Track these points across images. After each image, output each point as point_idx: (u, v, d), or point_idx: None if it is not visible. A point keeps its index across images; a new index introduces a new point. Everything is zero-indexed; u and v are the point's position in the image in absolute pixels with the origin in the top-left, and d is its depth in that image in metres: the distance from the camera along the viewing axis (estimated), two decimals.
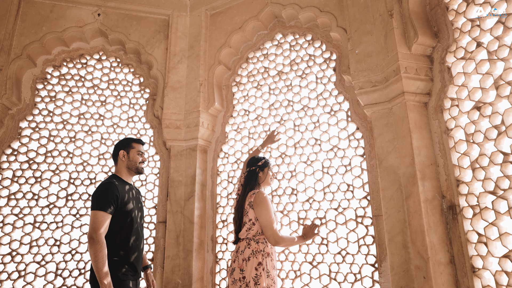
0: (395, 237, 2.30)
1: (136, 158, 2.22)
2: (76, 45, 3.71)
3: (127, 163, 2.20)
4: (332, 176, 2.82)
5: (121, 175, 2.20)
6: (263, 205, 2.32)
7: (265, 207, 2.31)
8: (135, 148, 2.24)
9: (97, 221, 1.89)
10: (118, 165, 2.22)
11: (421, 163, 2.22)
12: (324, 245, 2.73)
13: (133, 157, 2.21)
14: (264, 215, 2.30)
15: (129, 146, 2.24)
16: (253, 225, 2.35)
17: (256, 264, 2.28)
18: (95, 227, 1.88)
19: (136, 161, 2.22)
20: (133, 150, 2.23)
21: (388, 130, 2.48)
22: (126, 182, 2.18)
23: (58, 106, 3.51)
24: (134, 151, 2.23)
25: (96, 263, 1.84)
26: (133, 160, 2.21)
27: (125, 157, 2.20)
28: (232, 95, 3.59)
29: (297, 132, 3.10)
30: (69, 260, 3.14)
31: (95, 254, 1.84)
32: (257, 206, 2.33)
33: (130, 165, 2.20)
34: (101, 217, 1.91)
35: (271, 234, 2.28)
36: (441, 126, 2.25)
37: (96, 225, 1.88)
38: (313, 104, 3.09)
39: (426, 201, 2.15)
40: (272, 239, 2.28)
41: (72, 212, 3.26)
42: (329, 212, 2.77)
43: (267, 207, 2.32)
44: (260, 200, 2.33)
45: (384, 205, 2.39)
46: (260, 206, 2.32)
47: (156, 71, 3.62)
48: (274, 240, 2.28)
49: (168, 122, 3.41)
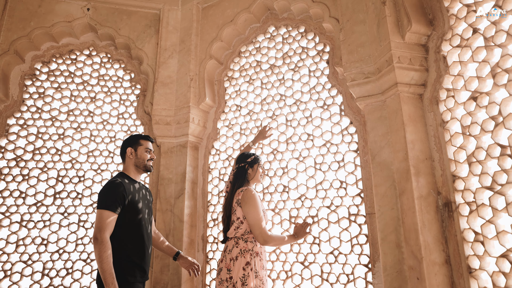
0: (388, 236, 2.19)
1: (144, 155, 2.13)
2: (65, 40, 3.66)
3: (135, 160, 2.11)
4: (325, 172, 2.72)
5: (129, 173, 2.11)
6: (250, 202, 2.23)
7: (253, 204, 2.23)
8: (143, 145, 2.15)
9: (102, 220, 1.81)
10: (126, 163, 2.13)
11: (415, 157, 2.12)
12: (316, 245, 2.63)
13: (141, 154, 2.13)
14: (252, 213, 2.21)
15: (136, 143, 2.15)
16: (241, 224, 2.26)
17: (244, 264, 2.20)
18: (100, 226, 1.80)
19: (144, 158, 2.13)
20: (141, 147, 2.14)
21: (381, 123, 2.37)
22: (134, 181, 2.10)
23: (46, 102, 3.46)
24: (142, 148, 2.14)
25: (101, 263, 1.76)
26: (141, 157, 2.12)
27: (133, 155, 2.12)
28: (224, 90, 3.51)
29: (289, 128, 3.00)
30: (56, 259, 3.09)
31: (100, 254, 1.76)
32: (245, 203, 2.25)
33: (138, 163, 2.12)
34: (106, 217, 1.82)
35: (260, 232, 2.19)
36: (437, 119, 2.14)
37: (101, 224, 1.80)
38: (305, 98, 2.99)
39: (420, 198, 2.04)
40: (260, 238, 2.19)
41: (60, 210, 3.21)
42: (321, 210, 2.68)
43: (255, 205, 2.23)
44: (248, 198, 2.25)
45: (377, 202, 2.29)
46: (248, 204, 2.23)
47: (147, 66, 3.55)
48: (262, 239, 2.19)
49: (158, 118, 3.34)
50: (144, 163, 2.14)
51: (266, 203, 2.94)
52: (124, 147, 2.15)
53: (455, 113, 2.04)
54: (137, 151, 2.13)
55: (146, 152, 2.16)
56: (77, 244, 3.15)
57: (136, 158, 2.12)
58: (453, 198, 1.98)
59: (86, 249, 3.15)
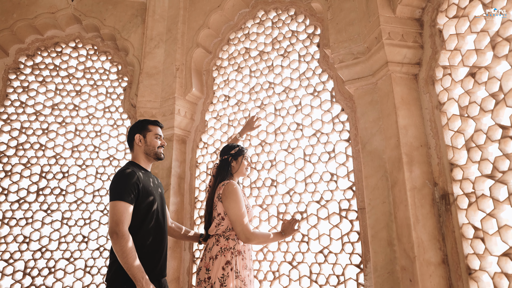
0: (379, 233, 1.99)
1: (154, 142, 1.98)
2: (50, 33, 3.59)
3: (144, 148, 1.96)
4: (315, 164, 2.53)
5: (139, 162, 1.96)
6: (231, 197, 2.07)
7: (234, 199, 2.06)
8: (152, 131, 2.00)
9: (119, 212, 1.66)
10: (134, 151, 1.98)
11: (408, 144, 1.90)
12: (304, 243, 2.44)
13: (150, 141, 1.97)
14: (233, 208, 2.05)
15: (145, 129, 2.00)
16: (222, 220, 2.11)
17: (223, 263, 2.04)
18: (116, 219, 1.65)
19: (155, 145, 1.98)
20: (150, 133, 1.99)
21: (372, 108, 2.17)
22: (146, 170, 1.97)
23: (31, 96, 3.39)
24: (151, 135, 1.99)
25: (125, 259, 1.61)
26: (150, 144, 1.97)
27: (142, 142, 1.96)
28: (213, 80, 3.36)
29: (278, 117, 2.82)
30: (38, 258, 3.01)
31: (122, 249, 1.61)
32: (225, 198, 2.09)
33: (148, 151, 1.97)
34: (123, 208, 1.67)
35: (241, 229, 2.03)
36: (433, 101, 1.92)
37: (118, 217, 1.65)
38: (295, 85, 2.80)
39: (413, 190, 1.83)
40: (242, 236, 2.03)
41: (43, 207, 3.13)
42: (310, 205, 2.49)
43: (236, 199, 2.06)
44: (229, 192, 2.09)
45: (367, 196, 2.08)
46: (229, 198, 2.07)
47: (132, 57, 3.44)
48: (244, 236, 2.02)
49: (142, 111, 3.22)
50: (155, 151, 1.99)
51: (253, 198, 2.77)
52: (132, 134, 1.99)
53: (452, 93, 1.82)
54: (146, 137, 1.98)
55: (156, 139, 2.00)
56: (60, 243, 3.06)
57: (146, 145, 1.97)
58: (450, 189, 1.76)
59: (69, 247, 3.06)
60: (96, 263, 3.05)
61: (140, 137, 1.98)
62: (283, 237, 2.24)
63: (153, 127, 2.03)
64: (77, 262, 3.04)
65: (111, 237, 1.64)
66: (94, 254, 3.08)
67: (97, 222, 3.16)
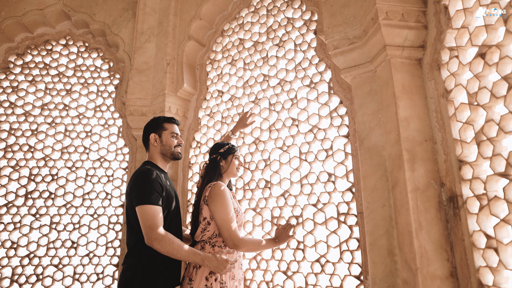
0: (378, 241, 1.79)
1: (171, 141, 1.92)
2: (40, 30, 3.57)
3: (161, 148, 1.91)
4: (311, 163, 2.35)
5: (157, 162, 1.91)
6: (218, 199, 1.94)
7: (220, 201, 1.93)
8: (168, 130, 1.94)
9: (151, 217, 1.63)
10: (150, 151, 1.93)
11: (409, 139, 1.70)
12: (300, 251, 2.27)
13: (166, 140, 1.92)
14: (220, 212, 1.91)
15: (160, 127, 1.93)
16: (208, 225, 1.98)
17: (207, 272, 1.91)
18: (150, 225, 1.61)
19: (171, 145, 1.92)
20: (166, 132, 1.93)
21: (371, 99, 1.97)
22: (163, 171, 1.91)
23: (20, 97, 3.37)
24: (167, 133, 1.93)
25: (179, 255, 1.65)
26: (167, 144, 1.91)
27: (157, 142, 1.91)
28: (206, 75, 3.23)
29: (273, 112, 2.66)
30: (26, 264, 2.97)
31: (170, 251, 1.63)
32: (211, 201, 1.96)
33: (165, 151, 1.91)
34: (153, 212, 1.64)
35: (229, 235, 1.89)
36: (438, 88, 1.71)
37: (151, 222, 1.62)
38: (291, 76, 2.63)
39: (415, 191, 1.63)
40: (230, 242, 1.89)
41: (31, 211, 3.10)
42: (306, 209, 2.31)
43: (223, 202, 1.93)
44: (215, 194, 1.95)
45: (365, 198, 1.89)
46: (215, 201, 1.94)
47: (123, 53, 3.36)
48: (232, 243, 1.89)
49: (132, 109, 3.13)
50: (171, 150, 1.92)
51: (246, 201, 2.62)
52: (147, 133, 1.94)
53: (460, 78, 1.60)
54: (162, 137, 1.92)
55: (172, 137, 1.93)
56: (49, 248, 3.02)
57: (162, 145, 1.91)
58: (459, 191, 1.55)
59: (58, 253, 3.01)
60: (86, 270, 2.98)
61: (156, 136, 1.91)
62: (276, 244, 2.09)
63: (169, 125, 1.95)
64: (66, 269, 2.98)
65: (152, 246, 1.62)
66: (83, 261, 3.01)
67: (86, 227, 3.09)
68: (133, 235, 1.80)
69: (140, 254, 1.75)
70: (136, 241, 1.77)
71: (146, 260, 1.74)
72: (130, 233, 1.83)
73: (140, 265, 1.73)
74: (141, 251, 1.75)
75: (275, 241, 2.09)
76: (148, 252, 1.72)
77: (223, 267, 1.77)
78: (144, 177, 1.72)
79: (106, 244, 3.05)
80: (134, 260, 1.75)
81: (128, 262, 1.76)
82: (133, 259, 1.76)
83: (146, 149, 1.97)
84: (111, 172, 3.24)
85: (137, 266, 1.74)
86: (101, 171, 3.24)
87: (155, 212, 1.64)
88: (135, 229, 1.78)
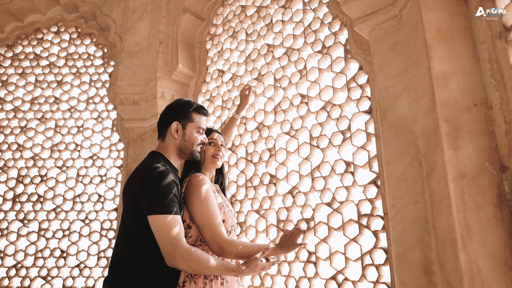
0: (409, 253, 1.34)
1: (195, 138, 1.64)
2: (31, 18, 3.49)
3: (180, 142, 1.63)
4: (324, 150, 1.93)
5: (170, 157, 1.64)
6: (194, 192, 1.61)
7: (197, 194, 1.60)
8: (195, 122, 1.65)
9: (171, 230, 1.39)
10: (166, 142, 1.64)
11: (449, 104, 1.24)
12: (311, 264, 1.86)
13: (190, 135, 1.63)
14: (198, 208, 1.59)
15: (187, 116, 1.64)
16: (189, 229, 1.67)
17: None
18: (172, 241, 1.38)
19: (194, 142, 1.64)
20: (192, 124, 1.64)
21: (396, 55, 1.53)
22: (173, 167, 1.64)
23: (10, 91, 3.30)
24: (193, 126, 1.64)
25: (210, 272, 1.45)
26: (190, 139, 1.63)
27: (179, 133, 1.62)
28: (206, 53, 2.91)
29: (279, 90, 2.27)
30: (13, 276, 2.85)
31: (200, 270, 1.42)
32: (187, 196, 1.65)
33: (184, 147, 1.63)
34: (173, 223, 1.41)
35: (212, 236, 1.55)
36: (493, 27, 1.23)
37: (172, 237, 1.38)
38: (299, 43, 2.24)
39: (460, 179, 1.17)
40: (213, 245, 1.56)
41: (19, 217, 2.98)
42: (319, 209, 1.90)
43: (200, 195, 1.60)
44: (191, 186, 1.64)
45: (390, 193, 1.45)
46: (191, 195, 1.62)
47: (114, 36, 3.16)
48: (216, 246, 1.55)
49: (123, 97, 2.90)
50: (192, 149, 1.64)
51: (249, 202, 2.26)
52: (169, 118, 1.64)
53: None
54: (186, 129, 1.63)
55: (197, 133, 1.65)
56: (37, 258, 2.87)
57: (183, 140, 1.63)
58: None
59: (46, 263, 2.85)
60: (76, 283, 2.79)
61: (179, 126, 1.62)
62: (279, 252, 1.71)
63: (198, 116, 1.67)
64: (54, 281, 2.81)
65: (176, 266, 1.39)
66: (73, 272, 2.83)
67: (77, 234, 2.91)
68: (129, 247, 1.49)
69: (135, 271, 1.46)
70: (133, 255, 1.47)
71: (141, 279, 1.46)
72: (126, 243, 1.52)
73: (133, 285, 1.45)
74: (137, 268, 1.46)
75: (277, 248, 1.72)
76: (146, 271, 1.46)
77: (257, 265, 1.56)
78: (160, 177, 1.45)
79: (98, 254, 2.84)
80: (126, 278, 1.46)
81: (117, 279, 1.46)
82: (124, 276, 1.46)
83: (161, 137, 1.67)
84: (104, 172, 3.04)
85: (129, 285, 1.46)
86: (93, 170, 3.05)
87: (176, 224, 1.40)
88: (134, 240, 1.49)
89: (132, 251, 1.48)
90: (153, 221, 1.40)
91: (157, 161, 1.54)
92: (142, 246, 1.47)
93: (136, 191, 1.48)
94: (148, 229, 1.45)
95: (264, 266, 1.59)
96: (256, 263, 1.55)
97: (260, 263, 1.57)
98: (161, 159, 1.58)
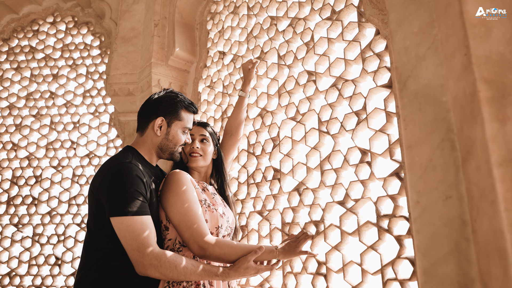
0: (440, 266, 1.04)
1: (178, 138, 1.53)
2: (26, 9, 3.44)
3: (162, 141, 1.52)
4: (335, 137, 1.65)
5: (145, 154, 1.52)
6: (170, 187, 1.46)
7: (173, 190, 1.45)
8: (182, 121, 1.54)
9: (137, 234, 1.26)
10: (143, 136, 1.53)
11: (491, 59, 0.93)
12: (321, 277, 1.58)
13: (175, 134, 1.52)
14: (173, 205, 1.43)
15: (175, 113, 1.53)
16: (167, 230, 1.50)
17: None
18: (138, 246, 1.25)
19: (177, 143, 1.53)
20: (179, 123, 1.53)
21: (418, 7, 1.23)
22: (149, 165, 1.53)
23: (5, 87, 3.25)
24: (179, 125, 1.54)
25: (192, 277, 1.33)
26: (173, 139, 1.52)
27: (162, 131, 1.51)
28: (207, 34, 2.69)
29: (284, 69, 2.01)
30: (7, 285, 2.76)
31: (175, 276, 1.30)
32: (162, 193, 1.49)
33: (165, 146, 1.52)
34: (139, 226, 1.27)
35: (190, 234, 1.39)
36: None
37: (139, 242, 1.25)
38: (306, 11, 1.97)
39: (510, 164, 0.86)
40: (193, 245, 1.38)
41: (13, 221, 2.89)
42: (330, 210, 1.62)
43: (176, 189, 1.44)
44: (166, 182, 1.49)
45: (412, 186, 1.14)
46: (166, 191, 1.47)
47: (109, 22, 3.03)
48: (197, 245, 1.38)
49: (116, 88, 2.74)
50: (173, 150, 1.54)
51: (251, 202, 2.01)
52: (154, 112, 1.52)
53: None
54: (171, 127, 1.52)
55: (182, 133, 1.54)
56: (31, 265, 2.77)
57: (166, 138, 1.52)
58: None
59: (40, 271, 2.75)
60: None
61: (163, 123, 1.50)
62: (274, 255, 1.47)
63: (187, 115, 1.56)
64: None
65: (147, 274, 1.27)
66: (68, 282, 2.70)
67: (72, 240, 2.78)
68: (90, 253, 1.38)
69: (100, 282, 1.33)
70: (95, 261, 1.35)
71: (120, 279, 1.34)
72: (87, 250, 1.41)
73: None
74: (102, 278, 1.33)
75: (274, 251, 1.46)
76: (112, 281, 1.34)
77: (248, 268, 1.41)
78: (123, 173, 1.33)
79: None
80: None
81: None
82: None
83: (140, 130, 1.54)
84: None
85: None
86: (90, 169, 2.93)
87: (142, 226, 1.28)
88: (95, 245, 1.39)
89: (93, 257, 1.34)
90: (116, 224, 1.28)
91: (126, 157, 1.41)
92: (103, 252, 1.33)
93: (97, 189, 1.35)
94: (112, 232, 1.30)
95: (258, 269, 1.41)
96: (246, 266, 1.37)
97: (252, 265, 1.39)
98: (131, 156, 1.44)
